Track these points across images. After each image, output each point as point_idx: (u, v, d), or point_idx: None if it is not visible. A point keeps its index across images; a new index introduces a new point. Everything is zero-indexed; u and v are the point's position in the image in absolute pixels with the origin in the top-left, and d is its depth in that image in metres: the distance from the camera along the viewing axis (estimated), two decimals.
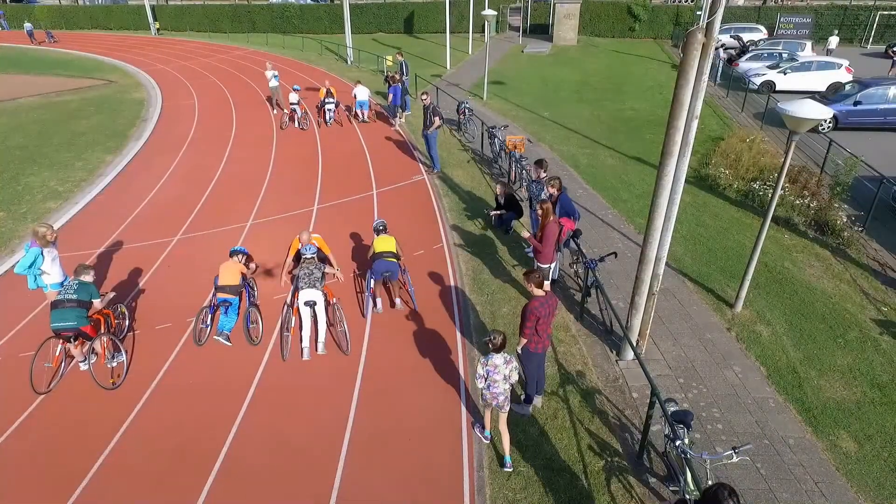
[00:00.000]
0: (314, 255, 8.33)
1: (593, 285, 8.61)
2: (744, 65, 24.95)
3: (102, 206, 13.14)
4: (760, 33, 33.22)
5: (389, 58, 26.55)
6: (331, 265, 8.69)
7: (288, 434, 6.74)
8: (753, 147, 14.72)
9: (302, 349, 8.03)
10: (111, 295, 8.06)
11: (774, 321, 8.63)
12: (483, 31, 37.71)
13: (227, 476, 6.22)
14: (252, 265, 9.06)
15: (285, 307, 8.88)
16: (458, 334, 8.46)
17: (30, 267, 7.98)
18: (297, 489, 6.05)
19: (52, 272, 8.19)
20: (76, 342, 7.48)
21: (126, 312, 8.72)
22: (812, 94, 19.93)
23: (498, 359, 5.95)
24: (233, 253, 8.77)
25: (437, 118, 13.99)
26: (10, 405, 7.23)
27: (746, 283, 8.64)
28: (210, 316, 8.55)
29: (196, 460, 6.41)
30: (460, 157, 15.90)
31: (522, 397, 7.03)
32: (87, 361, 7.73)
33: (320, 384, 7.52)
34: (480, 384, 6.06)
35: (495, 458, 6.37)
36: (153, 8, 46.02)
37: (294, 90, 19.00)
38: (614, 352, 8.08)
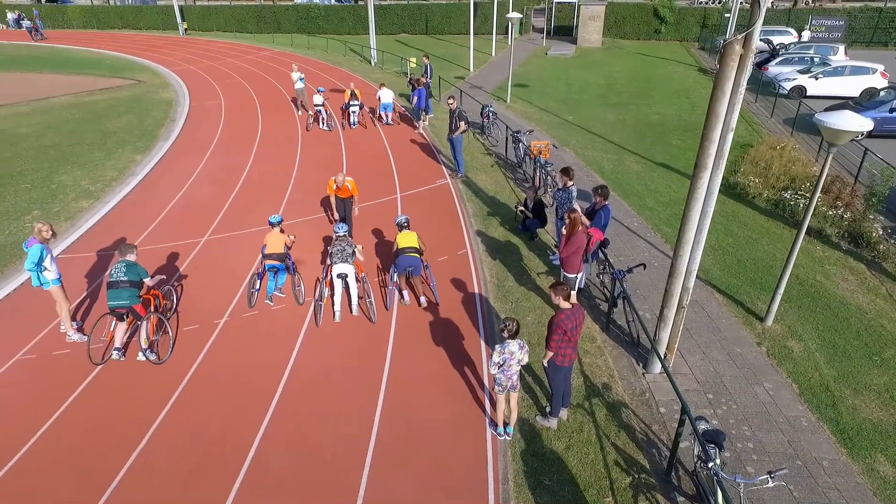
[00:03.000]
0: (346, 234, 9.06)
1: (620, 296, 8.50)
2: (773, 69, 24.44)
3: (132, 205, 13.39)
4: (791, 36, 32.54)
5: (413, 60, 26.62)
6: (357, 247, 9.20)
7: (314, 440, 6.77)
8: (784, 155, 14.41)
9: (334, 312, 8.89)
10: (160, 277, 8.64)
11: (807, 337, 8.43)
12: (506, 33, 37.60)
13: (253, 479, 6.27)
14: (291, 237, 9.66)
15: (319, 281, 9.58)
16: (483, 343, 8.43)
17: (36, 263, 8.11)
18: (322, 493, 6.07)
19: (51, 269, 8.33)
20: (128, 319, 8.06)
21: (174, 294, 9.39)
22: (845, 101, 19.46)
23: (513, 345, 6.18)
24: (272, 223, 9.46)
25: (462, 122, 13.96)
26: (42, 404, 7.39)
27: (778, 297, 8.45)
28: (259, 281, 9.52)
29: (223, 462, 6.47)
30: (484, 161, 15.85)
31: (548, 409, 6.97)
32: (121, 352, 8.12)
33: (346, 386, 7.55)
34: (495, 371, 6.25)
35: (521, 471, 6.32)
36: (181, 8, 46.79)
37: (319, 92, 19.15)
38: (641, 364, 7.97)
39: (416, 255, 9.01)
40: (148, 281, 8.04)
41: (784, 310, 8.95)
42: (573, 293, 6.54)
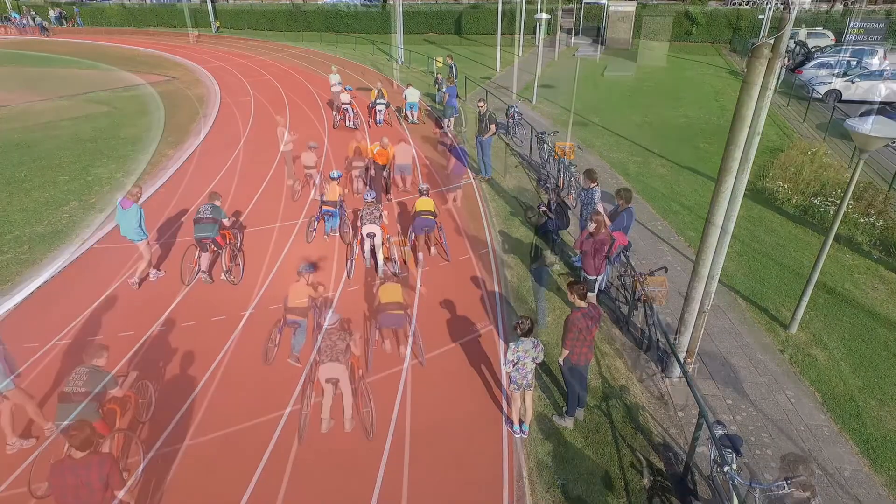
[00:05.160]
0: (374, 199, 10.29)
1: (640, 299, 8.46)
2: (808, 72, 23.89)
3: (163, 198, 13.77)
4: (827, 39, 31.72)
5: (439, 59, 26.75)
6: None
7: (333, 432, 6.90)
8: (815, 160, 14.13)
9: (366, 259, 10.34)
10: (233, 219, 10.81)
11: (832, 345, 8.28)
12: (534, 34, 37.47)
13: (273, 467, 6.45)
14: (346, 189, 11.59)
15: (349, 244, 11.08)
16: (501, 342, 8.48)
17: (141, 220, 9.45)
18: (339, 485, 6.21)
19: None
20: (209, 249, 9.88)
21: (238, 235, 11.14)
22: (882, 106, 18.94)
23: (527, 343, 6.23)
24: (333, 177, 11.52)
25: (493, 125, 14.03)
26: None
27: (804, 304, 8.31)
28: (316, 223, 11.54)
29: (245, 449, 6.66)
30: (508, 161, 15.88)
31: (564, 409, 7.00)
32: (206, 274, 9.92)
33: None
34: (509, 369, 6.29)
35: (536, 469, 6.37)
36: (214, 7, 47.76)
37: (346, 90, 19.39)
38: (660, 368, 7.94)
39: (431, 217, 10.26)
40: (225, 221, 9.94)
41: (809, 318, 8.81)
42: (591, 294, 6.57)
